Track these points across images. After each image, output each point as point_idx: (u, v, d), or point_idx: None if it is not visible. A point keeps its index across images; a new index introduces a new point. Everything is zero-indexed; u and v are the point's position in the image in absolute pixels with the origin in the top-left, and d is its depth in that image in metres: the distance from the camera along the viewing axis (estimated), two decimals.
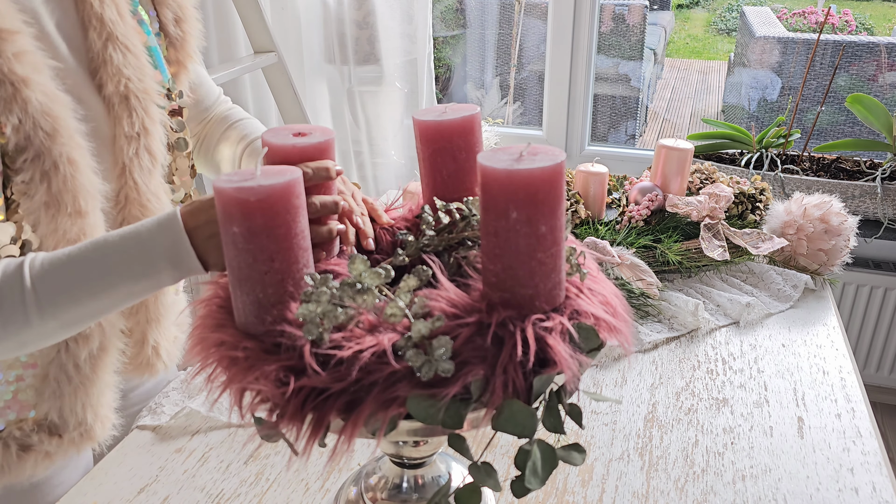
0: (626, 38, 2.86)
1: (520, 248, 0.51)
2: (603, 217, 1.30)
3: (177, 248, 0.62)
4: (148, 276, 0.63)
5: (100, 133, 0.77)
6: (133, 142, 0.79)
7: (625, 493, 0.80)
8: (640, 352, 1.06)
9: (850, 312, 2.04)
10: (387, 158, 2.39)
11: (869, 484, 0.81)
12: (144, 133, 0.79)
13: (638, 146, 3.00)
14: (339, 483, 0.81)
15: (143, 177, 0.80)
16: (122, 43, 0.77)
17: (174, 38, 0.87)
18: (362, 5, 2.18)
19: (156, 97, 0.81)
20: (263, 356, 0.51)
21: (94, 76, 0.77)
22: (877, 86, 2.49)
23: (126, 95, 0.77)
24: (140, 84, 0.79)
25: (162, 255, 0.62)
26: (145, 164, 0.80)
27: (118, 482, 0.83)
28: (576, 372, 0.51)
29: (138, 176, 0.80)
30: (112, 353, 0.80)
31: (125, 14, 0.78)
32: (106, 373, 0.80)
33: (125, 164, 0.79)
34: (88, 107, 0.75)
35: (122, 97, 0.77)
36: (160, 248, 0.62)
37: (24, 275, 0.62)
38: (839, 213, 1.23)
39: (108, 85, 0.76)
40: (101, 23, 0.76)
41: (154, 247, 0.62)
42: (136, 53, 0.79)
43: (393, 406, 0.48)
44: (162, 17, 0.86)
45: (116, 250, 0.63)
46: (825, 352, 1.05)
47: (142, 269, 0.62)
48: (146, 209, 0.81)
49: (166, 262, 0.62)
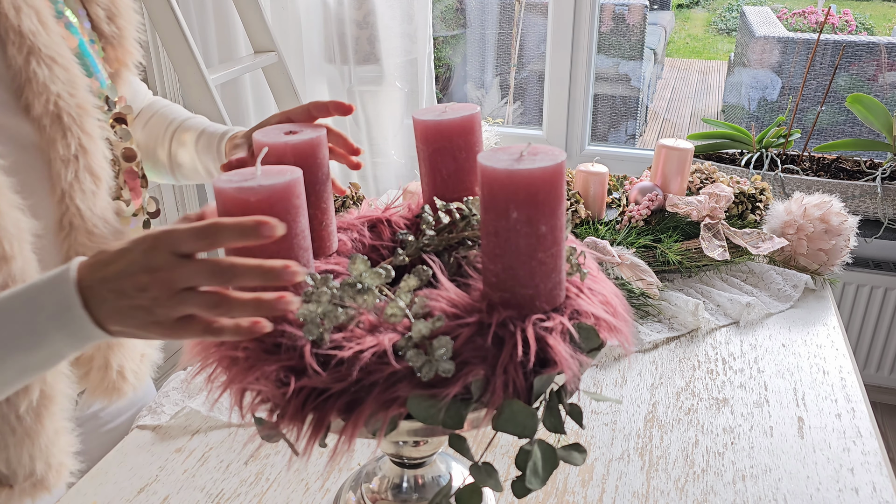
0: (626, 38, 2.86)
1: (520, 248, 0.51)
2: (603, 217, 1.30)
3: (66, 312, 0.51)
4: (39, 346, 0.52)
5: (29, 161, 0.69)
6: (71, 164, 0.70)
7: (625, 493, 0.80)
8: (640, 352, 1.06)
9: (850, 312, 2.04)
10: (387, 158, 2.39)
11: (869, 484, 0.81)
12: (83, 153, 0.71)
13: (638, 146, 3.00)
14: (339, 483, 0.81)
15: (87, 201, 0.72)
16: (46, 56, 0.68)
17: (110, 36, 0.79)
18: (362, 5, 2.18)
19: (93, 111, 0.73)
20: (264, 356, 0.51)
21: (18, 97, 0.68)
22: (877, 86, 2.49)
23: (58, 114, 0.69)
24: (72, 99, 0.70)
25: (50, 320, 0.52)
26: (87, 187, 0.72)
27: (118, 482, 0.83)
28: (576, 372, 0.51)
29: (80, 201, 0.72)
30: (59, 402, 0.73)
31: (48, 21, 0.69)
32: (53, 421, 0.73)
33: (64, 189, 0.70)
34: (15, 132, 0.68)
35: (54, 117, 0.69)
36: (47, 312, 0.52)
37: None
38: (839, 213, 1.23)
39: (35, 105, 0.68)
40: (20, 35, 0.67)
41: (40, 310, 0.52)
42: (64, 65, 0.70)
43: (393, 406, 0.48)
44: (93, 16, 0.78)
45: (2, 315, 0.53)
46: (825, 352, 1.05)
47: (30, 340, 0.52)
48: (94, 235, 0.73)
49: (56, 330, 0.52)
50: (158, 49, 2.00)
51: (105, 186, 0.75)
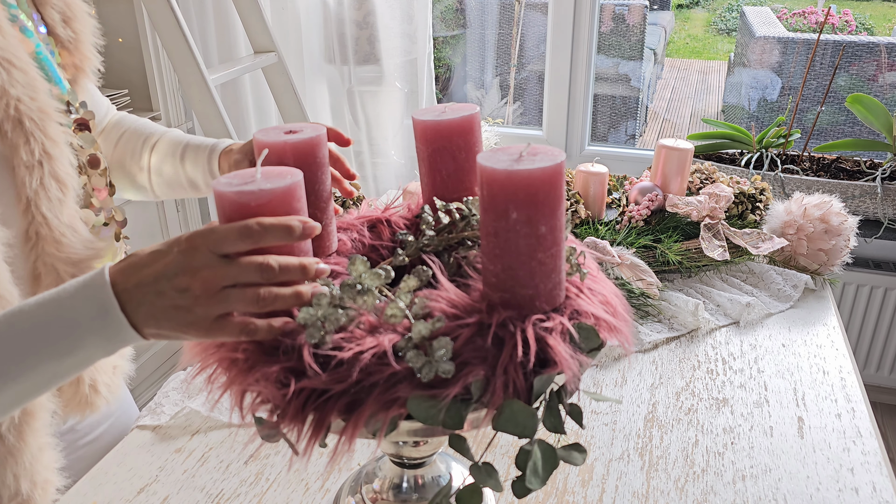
0: (626, 38, 2.86)
1: (520, 249, 0.51)
2: (603, 217, 1.30)
3: (104, 318, 0.51)
4: (73, 352, 0.52)
5: None
6: (35, 171, 0.68)
7: (625, 493, 0.80)
8: (640, 352, 1.06)
9: (850, 312, 2.04)
10: (387, 158, 2.39)
11: (869, 484, 0.81)
12: (47, 158, 0.69)
13: (638, 146, 3.00)
14: (339, 483, 0.81)
15: (54, 208, 0.70)
16: (3, 58, 0.66)
17: (65, 40, 0.77)
18: (362, 5, 2.18)
19: (55, 115, 0.70)
20: (264, 357, 0.51)
21: None
22: (877, 86, 2.49)
23: (19, 119, 0.67)
24: (33, 103, 0.68)
25: (87, 327, 0.51)
26: (53, 194, 0.70)
27: (118, 482, 0.83)
28: (576, 372, 0.51)
29: (47, 209, 0.69)
30: (41, 418, 0.71)
31: (2, 23, 0.68)
32: (37, 438, 0.71)
33: (29, 197, 0.68)
34: None
35: (15, 121, 0.67)
36: (84, 317, 0.51)
37: None
38: (839, 213, 1.23)
39: None
40: None
41: (76, 317, 0.51)
42: (22, 68, 0.67)
43: (393, 407, 0.48)
44: (47, 19, 0.76)
45: (34, 323, 0.51)
46: (825, 352, 1.05)
47: (66, 346, 0.52)
48: (62, 245, 0.71)
49: (93, 335, 0.52)
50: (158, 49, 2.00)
51: (72, 194, 0.73)
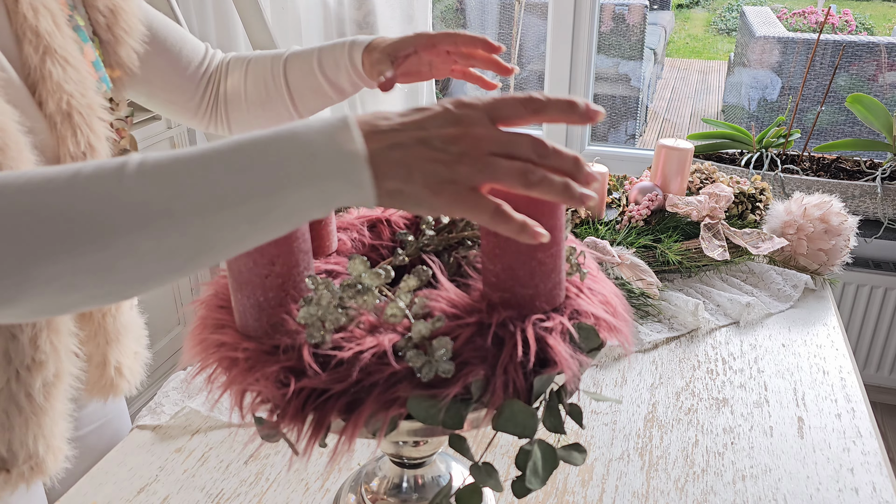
0: (626, 38, 2.86)
1: (520, 248, 0.51)
2: (603, 217, 1.30)
3: (343, 156, 0.45)
4: (316, 181, 0.44)
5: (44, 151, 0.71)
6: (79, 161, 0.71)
7: (625, 493, 0.80)
8: (640, 352, 1.06)
9: (850, 312, 2.04)
10: None
11: (869, 484, 0.81)
12: (91, 151, 0.74)
13: (638, 146, 3.00)
14: (339, 483, 0.81)
15: None
16: (60, 56, 0.71)
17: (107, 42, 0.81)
18: (362, 5, 2.18)
19: (99, 111, 0.75)
20: (264, 357, 0.51)
21: (33, 92, 0.70)
22: (877, 86, 2.49)
23: (69, 113, 0.71)
24: (83, 99, 0.73)
25: (333, 161, 0.44)
26: None
27: (118, 482, 0.83)
28: (576, 372, 0.51)
29: None
30: (66, 380, 0.74)
31: (61, 24, 0.72)
32: (59, 401, 0.74)
33: None
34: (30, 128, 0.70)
35: (66, 115, 0.71)
36: (330, 152, 0.45)
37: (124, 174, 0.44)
38: (839, 213, 1.23)
39: (48, 102, 0.70)
40: (37, 35, 0.69)
41: (314, 151, 0.45)
42: (76, 66, 0.72)
43: (393, 407, 0.48)
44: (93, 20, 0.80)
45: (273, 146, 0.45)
46: (825, 352, 1.05)
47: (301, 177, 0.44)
48: None
49: (338, 172, 0.44)
50: None
51: None
